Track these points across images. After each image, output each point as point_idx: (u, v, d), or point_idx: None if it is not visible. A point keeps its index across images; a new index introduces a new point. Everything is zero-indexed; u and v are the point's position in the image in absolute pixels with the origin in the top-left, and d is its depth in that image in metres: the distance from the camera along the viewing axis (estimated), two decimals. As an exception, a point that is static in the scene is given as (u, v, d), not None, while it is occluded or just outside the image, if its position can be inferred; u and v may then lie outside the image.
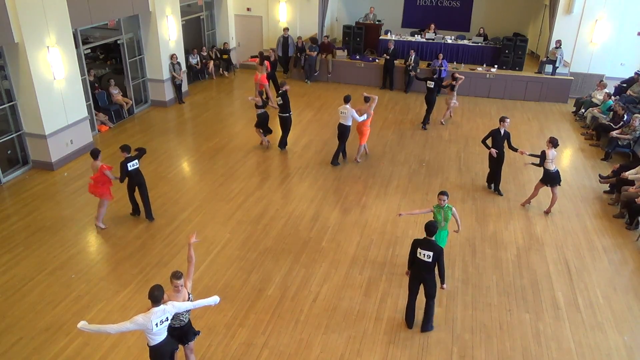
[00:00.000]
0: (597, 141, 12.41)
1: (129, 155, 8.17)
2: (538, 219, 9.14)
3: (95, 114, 12.27)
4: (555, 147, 8.87)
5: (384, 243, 8.25)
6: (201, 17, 16.89)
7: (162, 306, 4.72)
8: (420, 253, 6.08)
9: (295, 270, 7.52)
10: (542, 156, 8.93)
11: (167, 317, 4.77)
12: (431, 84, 12.74)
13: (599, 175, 10.38)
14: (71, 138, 10.68)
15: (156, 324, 4.66)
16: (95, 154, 8.01)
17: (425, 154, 11.63)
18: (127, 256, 7.74)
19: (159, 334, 4.78)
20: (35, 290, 6.97)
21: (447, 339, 6.36)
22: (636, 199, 8.61)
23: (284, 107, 11.20)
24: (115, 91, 13.02)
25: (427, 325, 6.44)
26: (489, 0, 18.86)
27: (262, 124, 11.38)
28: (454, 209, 7.00)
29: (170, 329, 5.00)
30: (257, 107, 11.24)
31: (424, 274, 6.17)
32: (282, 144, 11.63)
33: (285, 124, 11.44)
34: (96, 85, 12.78)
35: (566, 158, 11.89)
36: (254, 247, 8.06)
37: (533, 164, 9.29)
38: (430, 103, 12.93)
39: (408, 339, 6.33)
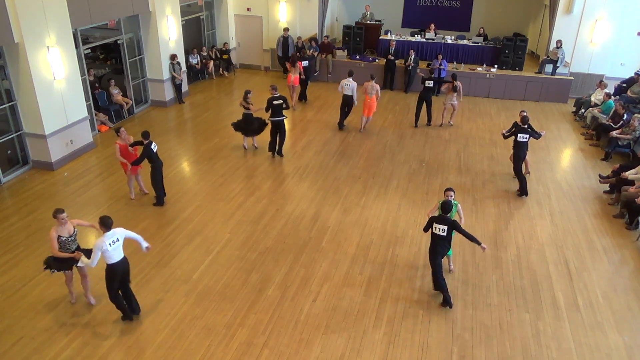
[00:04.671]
0: (597, 141, 12.41)
1: (149, 140, 8.67)
2: (538, 219, 9.14)
3: (95, 114, 12.27)
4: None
5: (384, 243, 8.26)
6: (201, 17, 16.89)
7: (112, 230, 5.95)
8: (435, 227, 6.64)
9: (295, 270, 7.52)
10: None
11: (117, 238, 6.00)
12: (430, 83, 12.82)
13: (599, 175, 10.38)
14: (71, 138, 10.68)
15: (109, 244, 5.90)
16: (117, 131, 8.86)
17: (425, 154, 11.63)
18: (127, 256, 7.69)
19: (114, 254, 5.98)
20: (35, 290, 6.97)
21: (447, 339, 6.36)
22: (636, 199, 8.61)
23: (279, 111, 10.83)
24: (115, 91, 13.02)
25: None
26: (489, 0, 18.87)
27: (243, 126, 11.18)
28: (459, 205, 7.24)
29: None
30: (245, 107, 11.03)
31: (439, 248, 6.68)
32: (280, 150, 11.22)
33: (280, 129, 11.01)
34: (96, 85, 12.78)
35: (566, 158, 11.90)
36: (254, 247, 8.06)
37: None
38: (428, 102, 13.02)
39: (408, 339, 6.34)
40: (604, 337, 6.48)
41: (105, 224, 5.92)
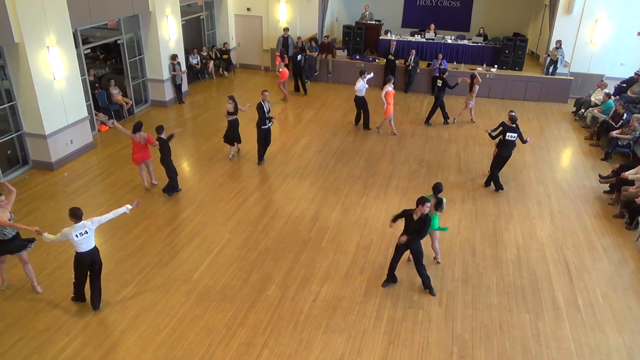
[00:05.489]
0: (597, 141, 12.41)
1: (162, 135, 8.99)
2: (538, 219, 9.14)
3: (95, 114, 12.27)
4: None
5: (384, 243, 8.25)
6: (201, 17, 16.89)
7: (82, 222, 6.13)
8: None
9: (295, 270, 7.52)
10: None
11: (86, 231, 6.13)
12: (439, 83, 12.93)
13: (599, 175, 10.38)
14: (71, 138, 10.68)
15: (76, 235, 6.07)
16: (139, 127, 9.14)
17: (425, 154, 11.63)
18: (127, 256, 7.75)
19: (82, 244, 6.18)
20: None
21: (447, 339, 6.37)
22: (636, 199, 8.60)
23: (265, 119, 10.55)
24: (115, 91, 13.02)
25: (428, 288, 7.08)
26: (489, 0, 18.87)
27: (233, 133, 10.88)
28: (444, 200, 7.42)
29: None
30: (228, 113, 10.66)
31: (411, 241, 6.82)
32: (261, 157, 10.92)
33: (266, 137, 10.78)
34: (96, 85, 12.78)
35: (566, 158, 11.90)
36: (254, 247, 8.06)
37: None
38: (436, 100, 13.14)
39: (408, 339, 6.34)
40: (604, 337, 6.48)
41: (75, 215, 6.10)
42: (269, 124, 10.68)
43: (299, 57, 15.36)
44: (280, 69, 14.56)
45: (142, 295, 6.90)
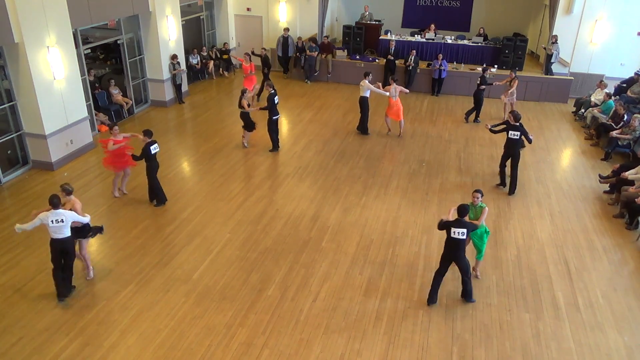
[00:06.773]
0: (597, 140, 12.41)
1: (151, 139, 8.63)
2: (538, 218, 9.14)
3: (95, 114, 12.26)
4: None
5: (384, 243, 8.26)
6: (201, 17, 16.90)
7: (59, 209, 6.37)
8: (454, 232, 6.48)
9: (295, 270, 7.52)
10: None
11: (62, 219, 6.36)
12: (478, 80, 13.27)
13: (599, 175, 10.37)
14: (71, 138, 10.68)
15: (52, 221, 6.32)
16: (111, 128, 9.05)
17: (425, 154, 11.63)
18: (127, 256, 7.75)
19: (56, 231, 6.41)
20: (35, 290, 6.97)
21: (447, 339, 6.36)
22: (636, 199, 8.60)
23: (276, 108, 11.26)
24: (115, 91, 13.02)
25: (468, 297, 6.98)
26: (489, 0, 18.87)
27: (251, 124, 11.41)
28: (486, 207, 7.17)
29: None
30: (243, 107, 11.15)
31: (456, 252, 6.60)
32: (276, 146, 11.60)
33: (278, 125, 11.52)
34: (96, 85, 12.77)
35: (566, 158, 11.90)
36: (254, 247, 8.06)
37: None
38: (476, 97, 13.46)
39: (408, 339, 6.34)
40: (604, 337, 6.48)
41: (52, 203, 6.38)
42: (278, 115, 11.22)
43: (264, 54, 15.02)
44: (247, 75, 13.80)
45: (142, 295, 6.89)
